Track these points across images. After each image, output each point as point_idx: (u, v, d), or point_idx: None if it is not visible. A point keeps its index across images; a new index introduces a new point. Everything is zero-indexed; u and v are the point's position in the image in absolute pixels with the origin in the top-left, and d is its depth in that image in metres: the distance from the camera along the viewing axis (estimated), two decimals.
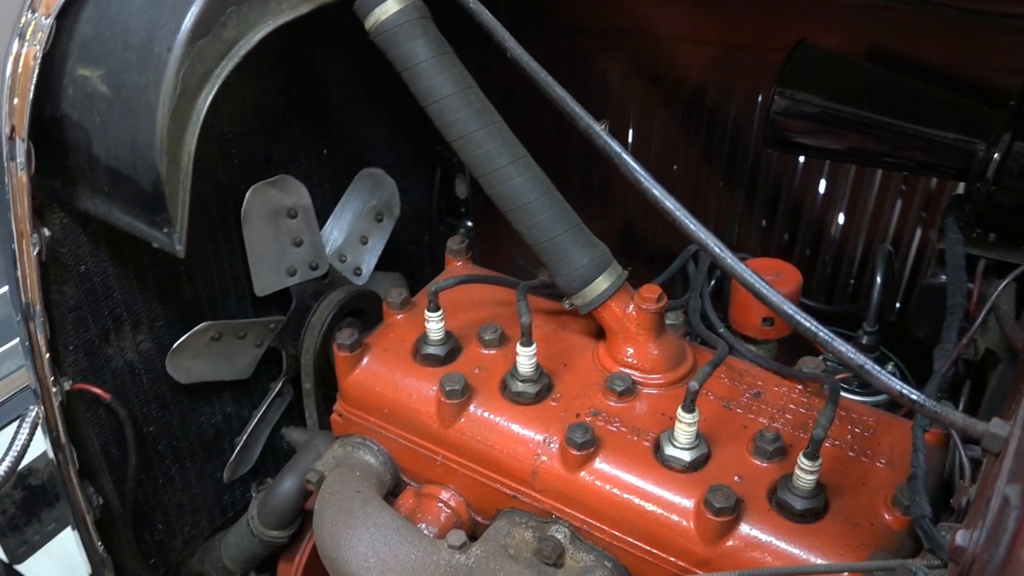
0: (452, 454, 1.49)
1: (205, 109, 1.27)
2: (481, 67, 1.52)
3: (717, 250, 1.04)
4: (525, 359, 1.44)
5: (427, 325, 1.52)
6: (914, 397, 0.88)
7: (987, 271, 1.50)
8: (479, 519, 1.52)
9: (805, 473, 1.25)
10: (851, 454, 1.37)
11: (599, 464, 1.37)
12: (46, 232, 1.42)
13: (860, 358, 0.94)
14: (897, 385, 0.89)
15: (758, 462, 1.35)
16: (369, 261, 2.07)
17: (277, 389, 1.96)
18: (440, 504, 1.53)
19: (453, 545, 1.38)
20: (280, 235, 1.80)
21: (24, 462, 1.59)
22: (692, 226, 1.06)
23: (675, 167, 2.09)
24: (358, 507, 1.44)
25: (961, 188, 1.68)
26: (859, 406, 1.48)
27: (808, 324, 0.98)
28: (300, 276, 1.87)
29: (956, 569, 0.71)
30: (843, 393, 1.52)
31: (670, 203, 1.08)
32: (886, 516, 1.27)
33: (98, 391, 1.59)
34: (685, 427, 1.32)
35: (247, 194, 1.70)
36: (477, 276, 1.64)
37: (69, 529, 1.74)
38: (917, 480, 0.97)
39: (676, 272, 1.74)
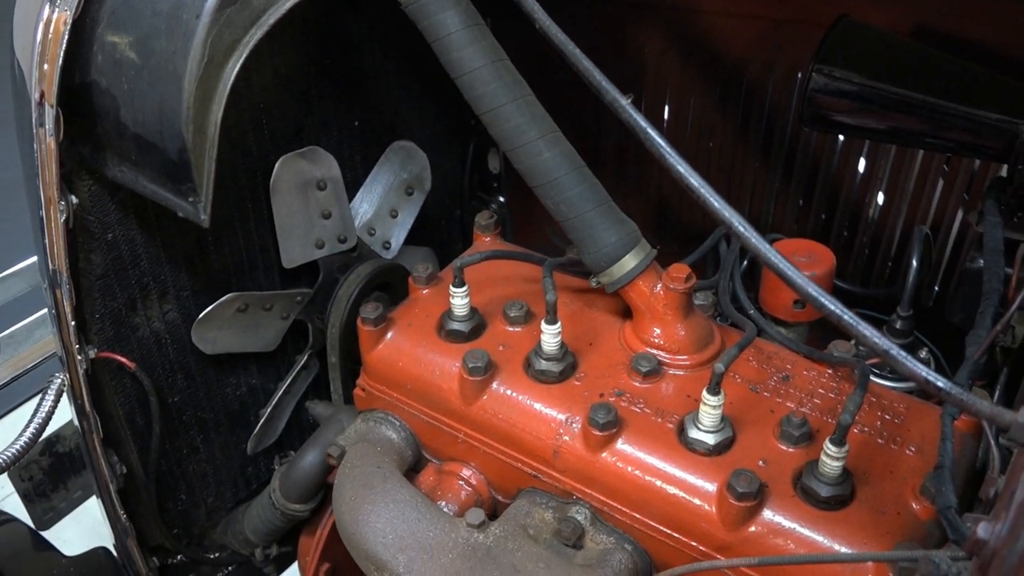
0: (474, 431, 1.48)
1: (233, 78, 1.26)
2: (519, 39, 1.49)
3: (741, 229, 1.01)
4: (550, 337, 1.42)
5: (452, 301, 1.50)
6: (940, 384, 0.85)
7: None
8: (499, 498, 1.51)
9: (831, 459, 1.22)
10: (880, 441, 1.34)
11: (621, 445, 1.35)
12: (74, 199, 1.42)
13: (885, 343, 0.90)
14: (922, 371, 0.86)
15: (784, 447, 1.32)
16: (399, 235, 2.06)
17: (303, 362, 1.96)
18: (461, 482, 1.52)
19: (472, 524, 1.37)
20: (309, 207, 1.80)
21: (52, 429, 1.60)
22: (717, 204, 1.03)
23: (711, 144, 2.05)
24: (378, 482, 1.43)
25: (1004, 171, 1.63)
26: (890, 392, 1.44)
27: (832, 307, 0.95)
28: (328, 249, 1.87)
29: (978, 562, 0.68)
30: (874, 379, 1.48)
31: (695, 180, 1.05)
32: (914, 505, 1.24)
33: (123, 360, 1.60)
34: (710, 410, 1.30)
35: (276, 165, 1.70)
36: (503, 252, 1.62)
37: (95, 497, 1.76)
38: (944, 469, 0.94)
39: (707, 252, 1.71)
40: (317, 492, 1.80)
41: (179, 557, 1.94)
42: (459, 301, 1.50)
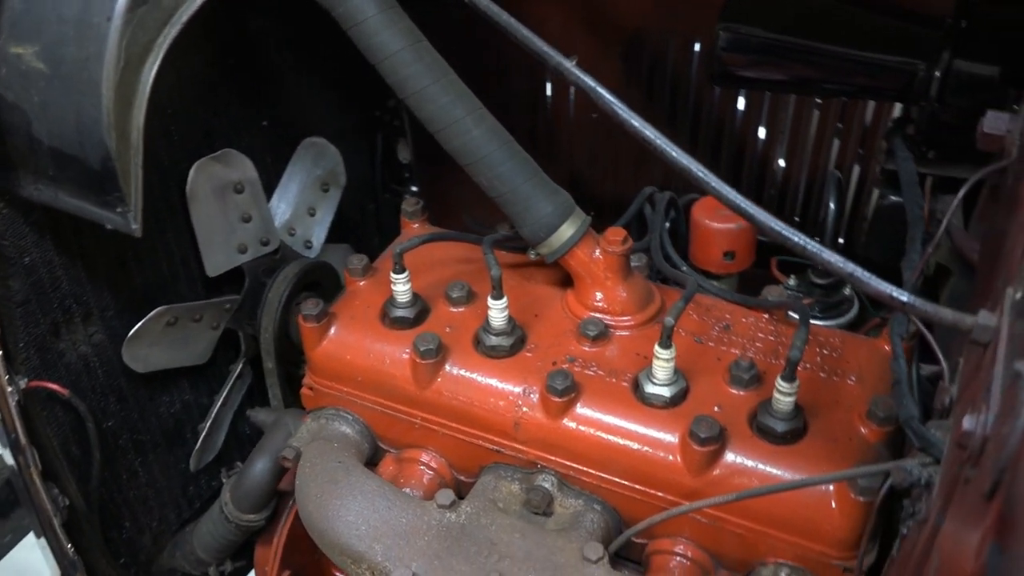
0: (431, 415, 1.48)
1: (152, 80, 1.23)
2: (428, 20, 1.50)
3: (700, 174, 1.05)
4: (497, 312, 1.43)
5: (394, 288, 1.50)
6: (904, 299, 0.90)
7: (932, 188, 1.55)
8: (462, 478, 1.52)
9: (783, 395, 1.28)
10: (822, 375, 1.41)
11: (581, 409, 1.38)
12: None
13: (849, 265, 0.96)
14: (887, 288, 0.92)
15: (735, 391, 1.38)
16: (319, 233, 2.03)
17: (237, 371, 1.92)
18: (422, 467, 1.52)
19: (443, 505, 1.37)
20: (228, 211, 1.76)
21: None
22: (674, 153, 1.06)
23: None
24: (342, 477, 1.42)
25: (898, 112, 1.73)
26: (824, 329, 1.52)
27: (797, 238, 0.99)
28: (252, 253, 1.83)
29: (962, 454, 0.73)
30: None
31: (650, 132, 1.08)
32: (863, 430, 1.31)
33: (55, 387, 1.53)
34: (663, 363, 1.34)
35: (191, 171, 1.65)
36: (441, 234, 1.63)
37: (28, 538, 1.68)
38: (901, 384, 1.00)
39: (632, 217, 1.75)
40: (270, 500, 1.76)
41: None
42: (401, 287, 1.50)
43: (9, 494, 1.66)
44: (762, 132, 1.97)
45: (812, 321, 1.59)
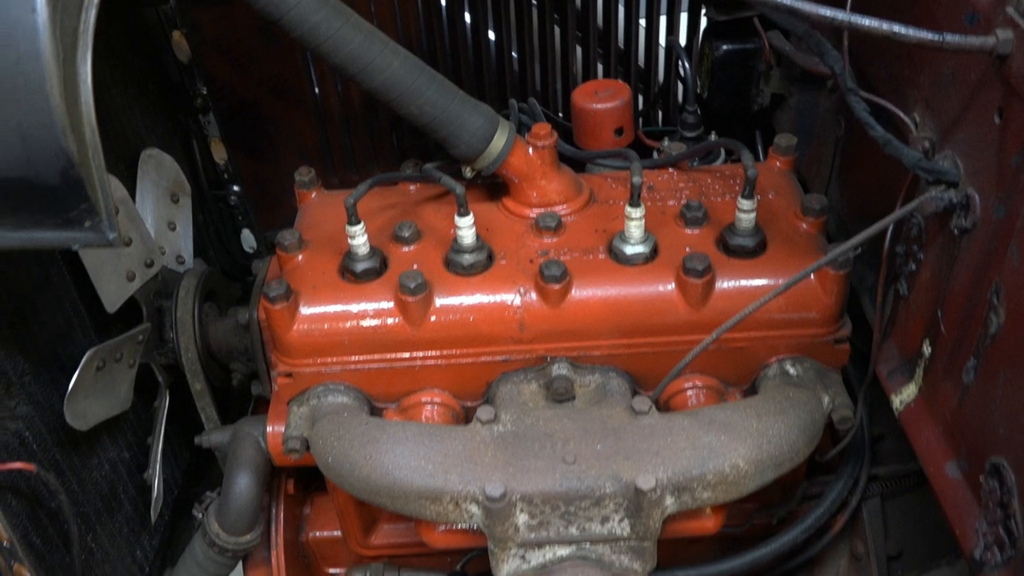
0: (430, 351, 1.49)
1: (90, 70, 1.11)
2: None
3: None
4: (466, 229, 1.47)
5: (352, 241, 1.47)
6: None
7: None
8: (469, 404, 1.54)
9: (747, 213, 1.45)
10: None
11: (576, 291, 1.46)
12: None
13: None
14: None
15: (693, 231, 1.52)
16: (187, 246, 1.92)
17: (166, 405, 1.77)
18: (428, 407, 1.53)
19: (488, 420, 1.40)
20: None
21: None
22: None
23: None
24: (379, 433, 1.40)
25: None
26: (726, 165, 1.71)
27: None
28: (140, 278, 1.70)
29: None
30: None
31: None
32: (804, 226, 1.51)
33: (21, 466, 1.35)
34: (636, 222, 1.46)
35: None
36: (383, 176, 1.60)
37: None
38: (891, 143, 1.18)
39: None
40: (258, 516, 1.66)
41: None
42: (360, 240, 1.48)
43: None
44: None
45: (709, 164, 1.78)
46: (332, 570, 1.90)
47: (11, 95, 1.07)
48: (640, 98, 2.29)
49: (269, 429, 1.60)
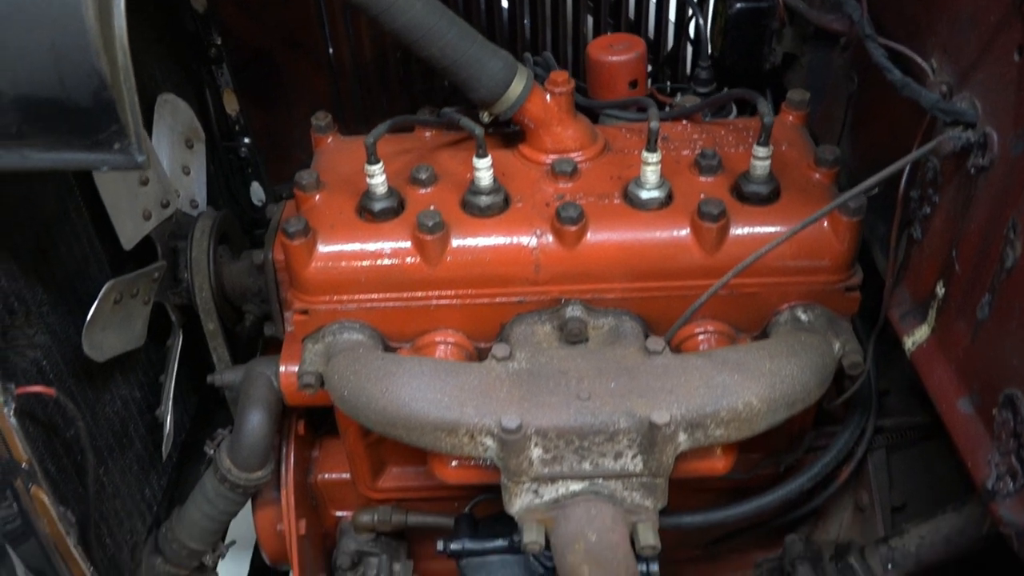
0: (446, 290, 1.50)
1: None
2: None
3: None
4: (484, 171, 1.49)
5: (371, 180, 1.49)
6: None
7: None
8: (482, 345, 1.56)
9: (762, 161, 1.47)
10: None
11: (592, 234, 1.48)
12: None
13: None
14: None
15: (708, 179, 1.54)
16: (200, 191, 1.93)
17: (179, 344, 1.79)
18: (442, 346, 1.54)
19: (503, 357, 1.42)
20: (127, 176, 1.62)
21: None
22: None
23: None
24: (395, 367, 1.42)
25: None
26: (740, 119, 1.73)
27: None
28: (156, 218, 1.72)
29: None
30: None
31: None
32: (817, 176, 1.53)
33: (41, 389, 1.36)
34: (653, 167, 1.47)
35: None
36: (401, 119, 1.61)
37: None
38: (909, 85, 1.20)
39: None
40: (270, 453, 1.68)
41: None
42: (379, 179, 1.49)
43: None
44: None
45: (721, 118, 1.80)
46: (340, 513, 1.92)
47: (46, 16, 1.08)
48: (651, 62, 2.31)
49: (282, 368, 1.63)
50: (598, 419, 1.33)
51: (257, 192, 2.38)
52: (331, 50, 2.24)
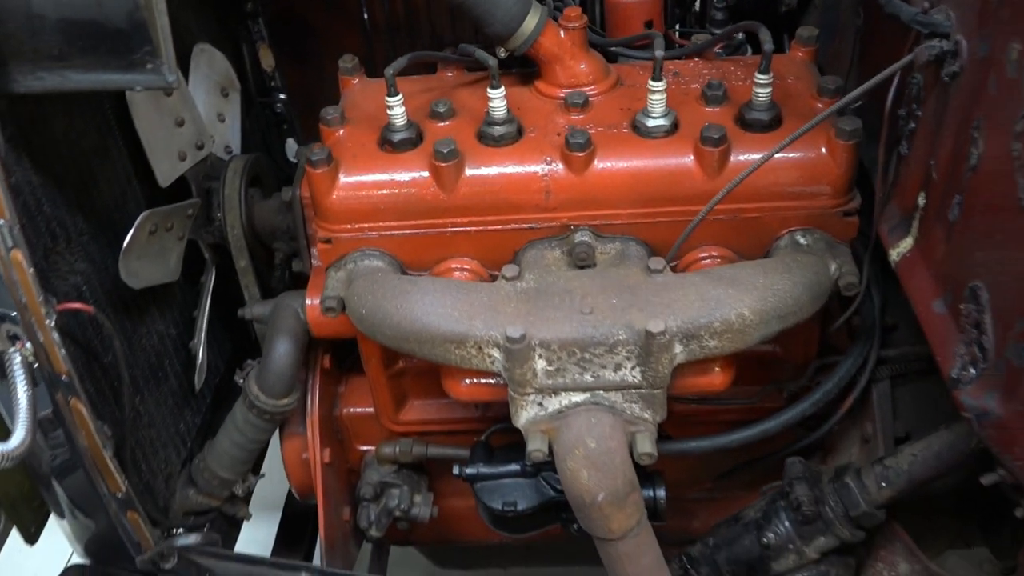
0: (461, 218, 1.57)
1: None
2: None
3: None
4: (498, 101, 1.55)
5: (390, 112, 1.56)
6: None
7: None
8: (496, 273, 1.63)
9: (762, 88, 1.51)
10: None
11: (599, 161, 1.54)
12: None
13: None
14: None
15: (713, 109, 1.59)
16: (234, 139, 2.02)
17: (212, 280, 1.88)
18: (458, 273, 1.62)
19: (512, 276, 1.49)
20: (164, 116, 1.72)
21: None
22: None
23: None
24: (411, 286, 1.50)
25: None
26: (748, 56, 1.78)
27: None
28: (190, 159, 1.81)
29: None
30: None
31: None
32: (819, 106, 1.57)
33: (80, 306, 1.46)
34: (658, 96, 1.53)
35: None
36: (421, 53, 1.69)
37: None
38: (891, 2, 1.24)
39: None
40: (295, 382, 1.77)
41: None
42: (398, 110, 1.57)
43: None
44: None
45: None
46: (364, 447, 2.00)
47: None
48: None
49: (308, 301, 1.72)
50: (599, 331, 1.39)
51: (292, 149, 2.47)
52: (365, 12, 2.32)
